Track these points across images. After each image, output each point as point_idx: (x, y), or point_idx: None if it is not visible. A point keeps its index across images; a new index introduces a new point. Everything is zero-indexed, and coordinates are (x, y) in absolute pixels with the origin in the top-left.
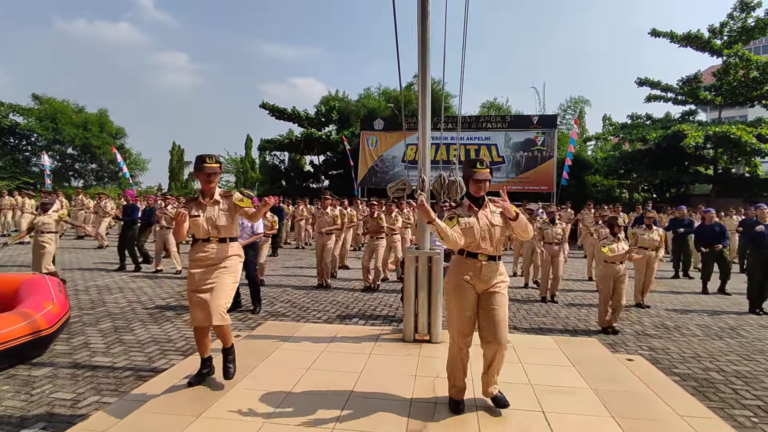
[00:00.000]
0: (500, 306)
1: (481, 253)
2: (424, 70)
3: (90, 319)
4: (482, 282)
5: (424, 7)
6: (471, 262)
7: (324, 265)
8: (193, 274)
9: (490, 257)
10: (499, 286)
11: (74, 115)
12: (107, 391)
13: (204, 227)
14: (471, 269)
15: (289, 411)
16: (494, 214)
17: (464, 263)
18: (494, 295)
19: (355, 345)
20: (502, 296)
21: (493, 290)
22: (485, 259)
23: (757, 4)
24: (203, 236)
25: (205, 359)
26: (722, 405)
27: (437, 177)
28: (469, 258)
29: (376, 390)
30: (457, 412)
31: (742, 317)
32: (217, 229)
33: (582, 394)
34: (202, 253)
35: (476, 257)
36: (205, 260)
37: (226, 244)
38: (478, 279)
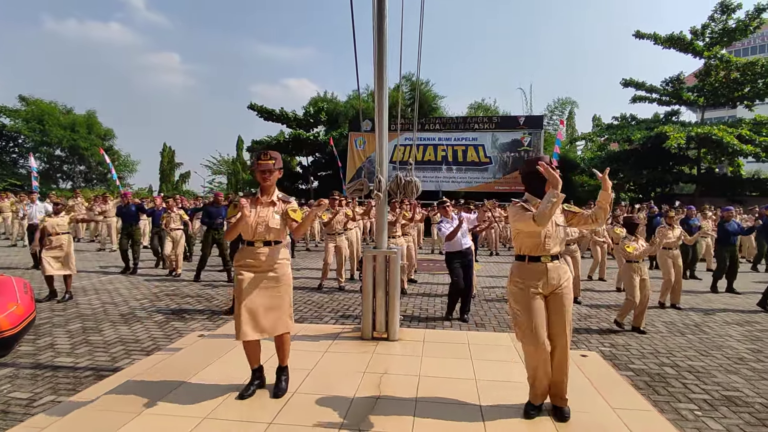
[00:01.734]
0: (565, 307)
1: (544, 255)
2: (381, 71)
3: (60, 320)
4: (550, 284)
5: (380, 8)
6: (535, 267)
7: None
8: (241, 280)
9: (553, 257)
10: (564, 286)
11: (62, 117)
12: (64, 391)
13: (251, 227)
14: (536, 274)
15: (228, 408)
16: (558, 213)
17: (527, 269)
18: (560, 296)
19: (313, 343)
20: (567, 296)
21: (559, 291)
22: (549, 260)
23: (737, 6)
24: (250, 237)
25: (255, 370)
26: (669, 399)
27: (393, 177)
28: (531, 262)
29: (321, 387)
30: (529, 417)
31: (708, 315)
32: (268, 231)
33: (521, 389)
34: (250, 258)
35: (539, 260)
36: (253, 266)
37: (275, 248)
38: (546, 281)
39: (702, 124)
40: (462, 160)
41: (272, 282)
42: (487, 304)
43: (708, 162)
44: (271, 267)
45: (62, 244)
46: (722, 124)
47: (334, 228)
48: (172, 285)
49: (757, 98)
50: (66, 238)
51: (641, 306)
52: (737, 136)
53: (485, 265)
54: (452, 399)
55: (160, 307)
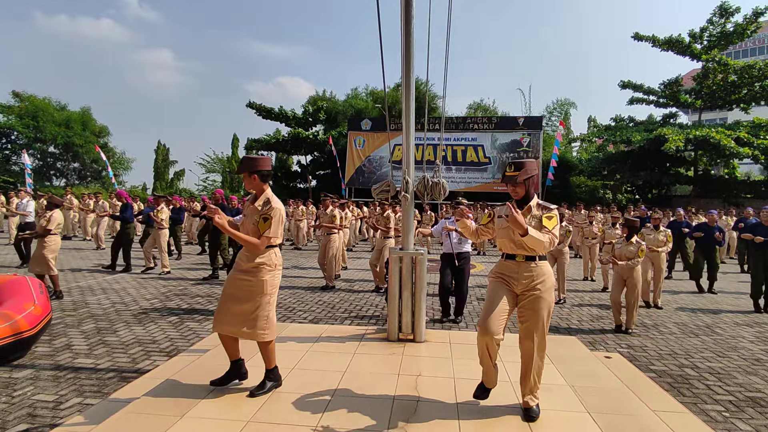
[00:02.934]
0: (537, 310)
1: (518, 255)
2: (408, 72)
3: (72, 320)
4: (521, 284)
5: (407, 9)
6: (509, 264)
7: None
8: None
9: (528, 257)
10: (538, 288)
11: (56, 113)
12: (90, 392)
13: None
14: (509, 270)
15: (272, 410)
16: (535, 219)
17: (503, 265)
18: (532, 298)
19: (340, 345)
20: (539, 299)
21: (532, 293)
22: (523, 259)
23: (735, 10)
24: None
25: (232, 362)
26: (695, 400)
27: (421, 179)
28: (507, 259)
29: (359, 389)
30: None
31: (718, 315)
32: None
33: (559, 391)
34: (239, 259)
35: (514, 258)
36: (236, 267)
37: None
38: (518, 279)
39: (700, 127)
40: (461, 160)
41: (245, 285)
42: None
43: (704, 164)
44: (249, 270)
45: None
46: (720, 127)
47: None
48: (179, 285)
49: (754, 101)
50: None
51: (630, 307)
52: (735, 139)
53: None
54: (492, 402)
55: (172, 307)
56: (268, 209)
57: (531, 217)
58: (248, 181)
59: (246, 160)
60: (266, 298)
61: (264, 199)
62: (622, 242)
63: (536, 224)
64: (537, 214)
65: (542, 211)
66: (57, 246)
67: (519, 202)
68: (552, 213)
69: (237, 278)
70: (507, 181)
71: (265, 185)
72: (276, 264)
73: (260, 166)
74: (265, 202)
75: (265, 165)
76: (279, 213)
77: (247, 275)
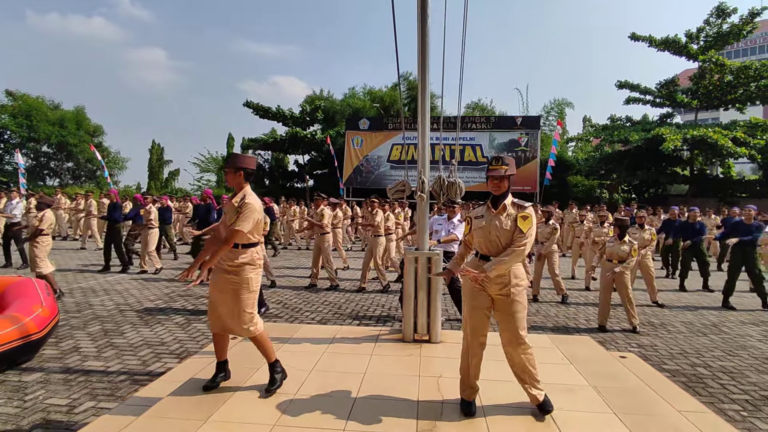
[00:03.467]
0: (513, 312)
1: (491, 256)
2: (424, 72)
3: (77, 322)
4: (494, 285)
5: (423, 9)
6: (483, 264)
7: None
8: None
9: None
10: (514, 289)
11: (49, 112)
12: (103, 396)
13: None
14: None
15: (297, 414)
16: (509, 219)
17: (476, 265)
18: (506, 300)
19: (356, 346)
20: (515, 302)
21: (505, 293)
22: None
23: (732, 11)
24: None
25: (219, 363)
26: (712, 400)
27: (436, 178)
28: (482, 259)
29: (381, 391)
30: (469, 414)
31: (722, 313)
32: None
33: (583, 392)
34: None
35: (488, 259)
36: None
37: (234, 250)
38: (489, 283)
39: (697, 126)
40: (459, 160)
41: (230, 285)
42: None
43: (700, 163)
44: (233, 270)
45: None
46: (717, 127)
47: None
48: (182, 285)
49: (749, 101)
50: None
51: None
52: (732, 139)
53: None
54: (517, 401)
55: (177, 309)
56: (242, 204)
57: (506, 215)
58: (232, 177)
59: (234, 157)
60: (251, 295)
61: (241, 195)
62: (615, 242)
63: (511, 223)
64: (512, 212)
65: (517, 210)
66: (49, 246)
67: (496, 198)
68: (527, 212)
69: (222, 279)
70: (492, 176)
71: (245, 183)
72: (258, 263)
73: (246, 164)
74: (241, 198)
75: (251, 164)
76: (251, 207)
77: (231, 275)
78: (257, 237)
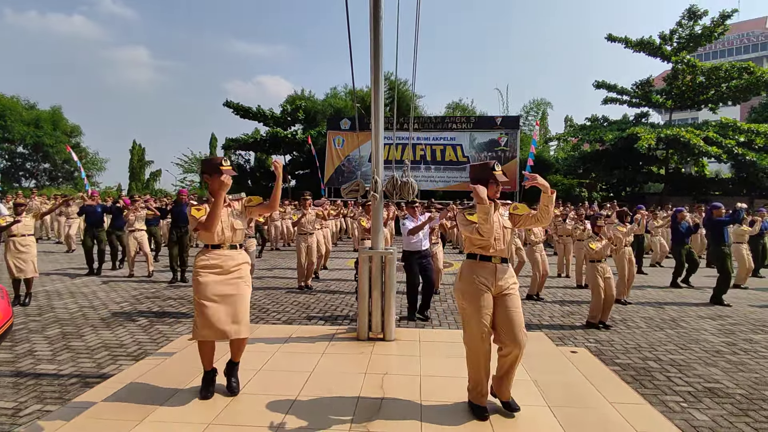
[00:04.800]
0: (517, 308)
1: (494, 256)
2: (377, 72)
3: (36, 325)
4: (498, 284)
5: (376, 10)
6: (485, 265)
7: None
8: (205, 283)
9: (503, 259)
10: (512, 288)
11: (25, 113)
12: (51, 399)
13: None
14: (486, 272)
15: (234, 413)
16: (503, 216)
17: (478, 266)
18: (510, 297)
19: (310, 345)
20: (517, 298)
21: (508, 292)
22: (499, 261)
23: (703, 13)
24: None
25: (209, 372)
26: (656, 392)
27: (390, 178)
28: (482, 260)
29: (324, 389)
30: (484, 419)
31: (683, 309)
32: (232, 233)
33: (521, 386)
34: (214, 260)
35: (490, 260)
36: (215, 268)
37: (236, 251)
38: (494, 281)
39: (671, 126)
40: (440, 160)
41: (232, 284)
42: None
43: (675, 162)
44: (233, 270)
45: (28, 245)
46: (690, 126)
47: (305, 228)
48: (152, 287)
49: (721, 101)
50: (31, 240)
51: (606, 303)
52: (704, 138)
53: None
54: (456, 401)
55: (142, 311)
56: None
57: (499, 213)
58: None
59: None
60: (249, 293)
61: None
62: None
63: (508, 219)
64: (502, 210)
65: (504, 207)
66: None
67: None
68: (513, 204)
69: (223, 281)
70: (498, 182)
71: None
72: (250, 262)
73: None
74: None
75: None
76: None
77: (232, 274)
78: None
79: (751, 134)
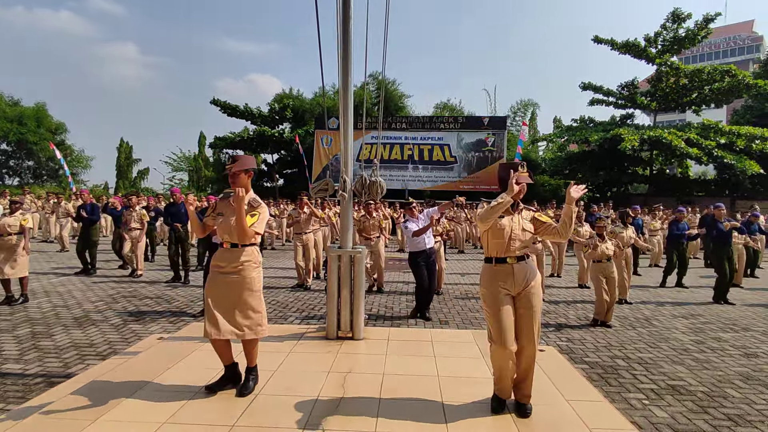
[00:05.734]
0: (533, 306)
1: (510, 257)
2: (346, 70)
3: (7, 325)
4: (517, 285)
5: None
6: (502, 267)
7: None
8: (210, 280)
9: (518, 258)
10: (533, 286)
11: (8, 109)
12: (13, 398)
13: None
14: (503, 274)
15: (190, 412)
16: (525, 220)
17: (495, 270)
18: (528, 296)
19: (277, 344)
20: (536, 296)
21: (528, 291)
22: (515, 261)
23: (687, 16)
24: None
25: (227, 367)
26: (620, 389)
27: (358, 177)
28: (498, 263)
29: (284, 389)
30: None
31: (657, 308)
32: (229, 234)
33: (482, 384)
34: (218, 259)
35: (505, 261)
36: (218, 267)
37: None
38: (513, 282)
39: (654, 128)
40: (428, 159)
41: (235, 285)
42: (451, 302)
43: (659, 163)
44: (234, 270)
45: (13, 245)
46: (673, 128)
47: (301, 227)
48: (129, 286)
49: (704, 104)
50: (17, 239)
51: (609, 302)
52: (685, 140)
53: (451, 263)
54: (415, 397)
55: (117, 310)
56: (259, 206)
57: (524, 216)
58: (241, 178)
59: (245, 159)
60: (256, 294)
61: (252, 197)
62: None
63: (529, 223)
64: (527, 214)
65: (529, 212)
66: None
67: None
68: (538, 212)
69: (222, 280)
70: (524, 181)
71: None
72: (259, 261)
73: (254, 165)
74: (255, 201)
75: (255, 164)
76: (266, 210)
77: (232, 275)
78: (257, 237)
79: (733, 136)
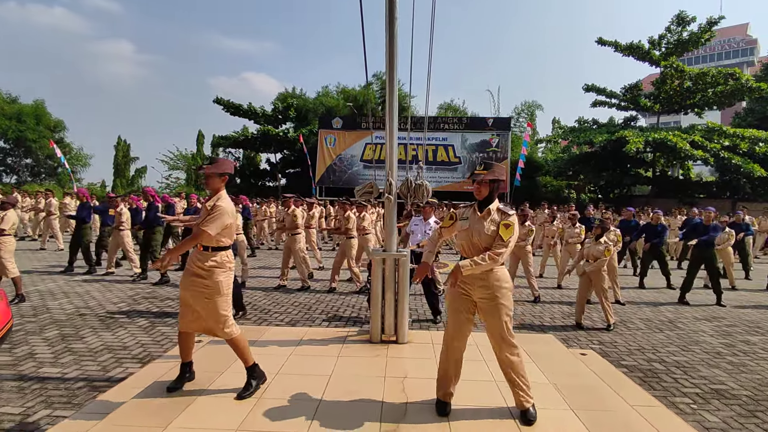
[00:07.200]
0: (492, 317)
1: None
2: (392, 71)
3: (33, 327)
4: (478, 289)
5: (391, 9)
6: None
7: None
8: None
9: None
10: (488, 297)
11: (6, 106)
12: (59, 404)
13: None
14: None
15: (260, 418)
16: (492, 223)
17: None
18: (485, 307)
19: (323, 348)
20: (495, 307)
21: (484, 300)
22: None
23: (691, 19)
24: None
25: (183, 364)
26: (665, 393)
27: (404, 180)
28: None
29: (346, 393)
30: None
31: (678, 310)
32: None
33: (542, 389)
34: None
35: None
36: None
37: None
38: (473, 287)
39: (659, 130)
40: (432, 160)
41: (201, 288)
42: None
43: (661, 165)
44: (202, 273)
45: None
46: (677, 130)
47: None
48: (147, 287)
49: (707, 106)
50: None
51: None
52: (690, 142)
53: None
54: (480, 402)
55: (141, 311)
56: (213, 207)
57: (490, 220)
58: (215, 181)
59: (220, 162)
60: (222, 298)
61: (215, 198)
62: (592, 242)
63: (494, 229)
64: (496, 218)
65: (501, 217)
66: (12, 246)
67: (481, 203)
68: (510, 220)
69: (191, 281)
70: (473, 179)
71: (223, 187)
72: (229, 266)
73: (230, 170)
74: (214, 201)
75: (232, 169)
76: (222, 210)
77: (201, 278)
78: (227, 240)
79: (736, 138)
